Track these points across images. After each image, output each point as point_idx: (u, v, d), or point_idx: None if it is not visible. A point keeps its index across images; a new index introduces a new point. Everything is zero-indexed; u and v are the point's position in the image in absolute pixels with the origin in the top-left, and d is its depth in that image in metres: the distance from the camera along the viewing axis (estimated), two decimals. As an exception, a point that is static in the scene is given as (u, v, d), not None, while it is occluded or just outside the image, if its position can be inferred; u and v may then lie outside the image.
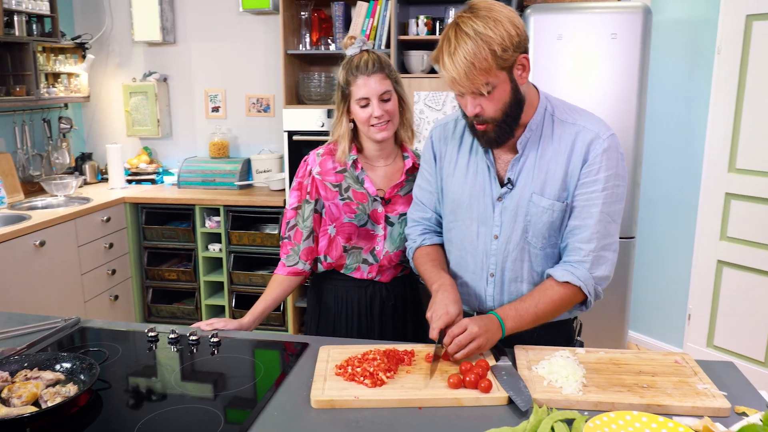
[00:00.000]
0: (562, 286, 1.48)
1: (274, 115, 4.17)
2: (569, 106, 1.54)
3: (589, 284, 1.48)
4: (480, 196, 1.55)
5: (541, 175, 1.49)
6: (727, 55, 3.26)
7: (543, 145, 1.50)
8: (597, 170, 1.46)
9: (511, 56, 1.36)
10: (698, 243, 3.51)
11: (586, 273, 1.48)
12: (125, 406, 1.33)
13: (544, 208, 1.49)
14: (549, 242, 1.53)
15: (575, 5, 3.14)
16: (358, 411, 1.26)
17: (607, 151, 1.46)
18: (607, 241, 1.48)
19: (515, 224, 1.52)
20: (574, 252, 1.50)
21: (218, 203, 3.74)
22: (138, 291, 3.97)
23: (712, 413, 1.23)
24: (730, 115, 3.27)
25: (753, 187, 3.21)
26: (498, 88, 1.38)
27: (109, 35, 4.30)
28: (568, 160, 1.48)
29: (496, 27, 1.33)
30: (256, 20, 4.08)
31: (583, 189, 1.47)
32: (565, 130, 1.49)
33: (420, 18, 3.46)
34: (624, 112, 3.09)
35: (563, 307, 1.50)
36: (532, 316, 1.47)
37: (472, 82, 1.35)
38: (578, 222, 1.49)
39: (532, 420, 1.17)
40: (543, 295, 1.48)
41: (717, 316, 3.45)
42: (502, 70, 1.37)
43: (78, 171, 4.27)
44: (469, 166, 1.58)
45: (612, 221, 1.49)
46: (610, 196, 1.47)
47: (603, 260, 1.49)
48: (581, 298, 1.51)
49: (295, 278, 1.90)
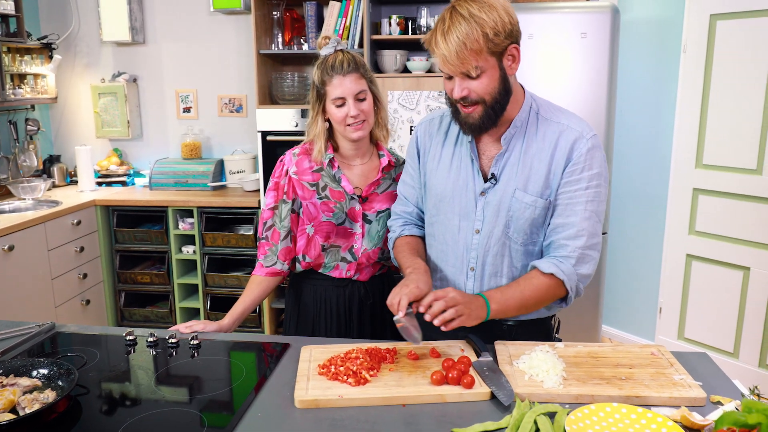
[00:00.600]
0: (547, 277, 1.49)
1: (246, 116, 4.14)
2: (553, 106, 1.57)
3: (573, 280, 1.50)
4: (463, 190, 1.57)
5: (525, 172, 1.51)
6: (693, 54, 3.33)
7: (527, 141, 1.51)
8: (581, 169, 1.48)
9: (502, 42, 1.39)
10: (668, 237, 3.59)
11: (571, 268, 1.49)
12: (105, 411, 1.31)
13: (526, 204, 1.51)
14: (530, 239, 1.55)
15: (546, 5, 3.19)
16: (342, 410, 1.26)
17: (591, 151, 1.48)
18: (594, 240, 1.51)
19: (497, 219, 1.54)
20: (560, 248, 1.51)
21: (191, 205, 3.70)
22: (110, 295, 3.91)
23: (688, 403, 1.26)
24: (696, 112, 3.35)
25: (719, 182, 3.29)
26: (487, 72, 1.41)
27: (76, 35, 4.22)
28: (552, 157, 1.50)
29: (491, 11, 1.37)
30: (228, 20, 4.04)
31: (567, 187, 1.49)
32: (549, 128, 1.51)
33: (392, 18, 3.47)
34: (594, 110, 3.14)
35: (547, 299, 1.52)
36: (518, 301, 1.48)
37: (462, 62, 1.38)
38: (563, 220, 1.51)
39: (515, 414, 1.18)
40: (528, 283, 1.50)
41: (687, 309, 3.53)
42: (492, 55, 1.40)
43: (46, 174, 4.18)
44: (453, 160, 1.60)
45: (598, 221, 1.51)
46: (595, 195, 1.49)
47: (588, 258, 1.51)
48: (563, 293, 1.52)
49: (273, 279, 1.89)
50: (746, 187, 3.17)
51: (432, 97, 3.33)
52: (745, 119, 3.13)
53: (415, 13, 3.56)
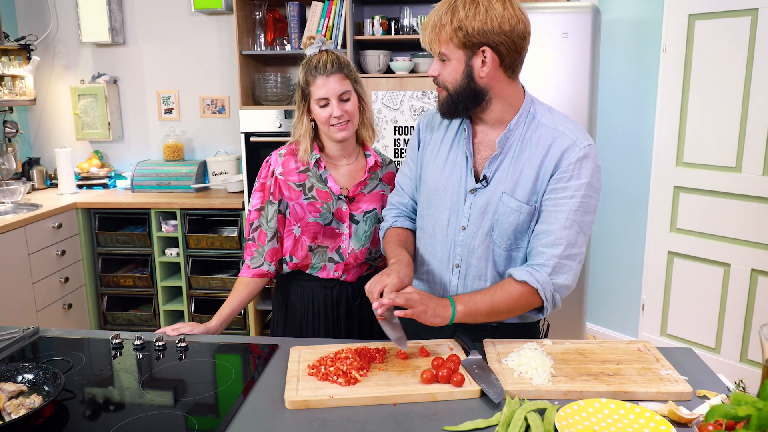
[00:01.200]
0: (520, 284, 1.47)
1: (229, 117, 4.12)
2: (555, 112, 1.54)
3: (548, 289, 1.47)
4: (455, 186, 1.57)
5: (515, 176, 1.49)
6: (672, 53, 3.38)
7: (521, 146, 1.50)
8: (569, 177, 1.45)
9: (472, 40, 1.41)
10: (650, 235, 3.63)
11: (546, 277, 1.46)
12: (92, 416, 1.29)
13: (511, 209, 1.50)
14: (514, 245, 1.54)
15: (527, 5, 3.21)
16: (333, 410, 1.26)
17: (582, 160, 1.45)
18: (573, 250, 1.47)
19: (483, 221, 1.53)
20: (538, 255, 1.49)
21: (174, 207, 3.67)
22: (92, 298, 3.86)
23: (675, 397, 1.27)
24: (676, 111, 3.40)
25: (700, 180, 3.34)
26: (451, 62, 1.45)
27: (54, 36, 4.17)
28: (541, 163, 1.48)
29: (476, 10, 1.39)
30: (209, 20, 4.02)
31: (553, 195, 1.47)
32: (543, 134, 1.49)
33: (375, 18, 3.47)
34: (576, 109, 3.17)
35: (519, 307, 1.49)
36: (487, 305, 1.46)
37: (430, 40, 1.46)
38: (544, 227, 1.48)
39: (506, 411, 1.19)
40: (500, 289, 1.48)
41: (669, 306, 3.58)
42: (461, 48, 1.43)
43: (25, 176, 4.12)
44: (449, 155, 1.60)
45: (581, 232, 1.47)
46: (581, 205, 1.46)
47: (566, 269, 1.47)
48: (538, 302, 1.49)
49: (260, 280, 1.89)
50: (726, 185, 3.22)
51: (416, 98, 3.34)
52: (724, 118, 3.18)
53: (397, 14, 3.57)
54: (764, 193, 3.07)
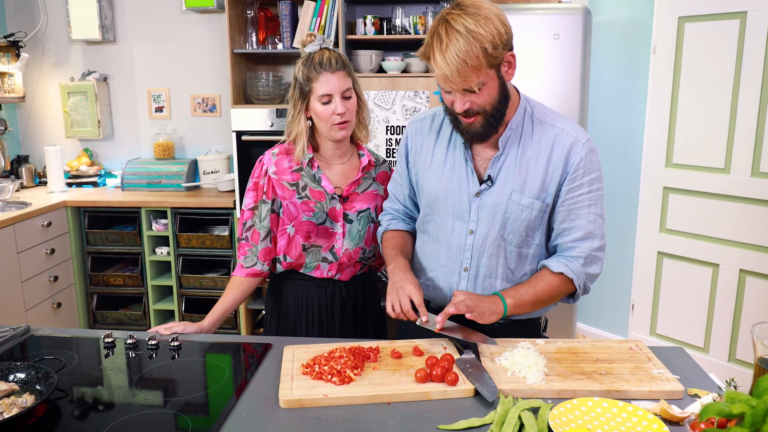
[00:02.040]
0: (556, 276, 1.54)
1: (220, 115, 4.11)
2: (546, 109, 1.59)
3: (581, 279, 1.55)
4: (456, 192, 1.57)
5: (522, 174, 1.52)
6: (662, 55, 3.40)
7: (523, 144, 1.53)
8: (582, 174, 1.51)
9: (500, 54, 1.38)
10: (639, 235, 3.66)
11: (580, 268, 1.54)
12: (85, 415, 1.29)
13: (523, 206, 1.52)
14: (525, 241, 1.57)
15: (519, 6, 3.22)
16: (327, 409, 1.26)
17: (588, 155, 1.51)
18: (603, 242, 1.57)
19: (493, 221, 1.55)
20: (569, 250, 1.56)
21: (165, 205, 3.65)
22: (82, 297, 3.84)
23: (667, 396, 1.29)
24: (665, 112, 3.42)
25: (689, 181, 3.36)
26: (487, 85, 1.40)
27: (44, 33, 4.14)
28: (548, 160, 1.51)
29: (487, 25, 1.34)
30: (200, 19, 4.00)
31: (570, 193, 1.52)
32: (544, 132, 1.53)
33: (367, 17, 3.47)
34: (567, 109, 3.18)
35: (558, 295, 1.57)
36: (531, 296, 1.52)
37: (464, 79, 1.36)
38: (569, 224, 1.54)
39: (500, 410, 1.20)
40: (540, 280, 1.54)
41: (659, 305, 3.60)
42: (491, 67, 1.38)
43: (14, 174, 4.09)
44: (447, 161, 1.60)
45: (603, 223, 1.56)
46: (597, 198, 1.53)
47: (596, 260, 1.56)
48: (571, 290, 1.57)
49: (253, 279, 1.88)
50: (715, 186, 3.24)
51: (407, 97, 3.35)
52: (713, 119, 3.21)
53: (390, 13, 3.57)
54: (752, 194, 3.10)
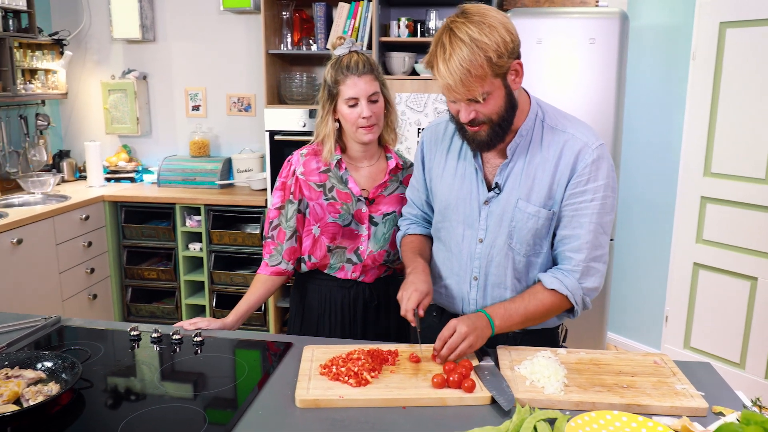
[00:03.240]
0: (550, 292, 1.49)
1: (255, 115, 4.16)
2: (560, 113, 1.54)
3: (577, 294, 1.49)
4: (467, 199, 1.56)
5: (528, 182, 1.49)
6: (702, 62, 3.32)
7: (532, 151, 1.49)
8: (586, 180, 1.46)
9: (506, 62, 1.35)
10: (675, 246, 3.57)
11: (575, 283, 1.48)
12: (108, 405, 1.32)
13: (529, 215, 1.49)
14: (533, 250, 1.53)
15: (554, 10, 3.18)
16: (342, 410, 1.27)
17: (597, 162, 1.45)
18: (598, 252, 1.49)
19: (500, 229, 1.52)
20: (565, 261, 1.51)
21: (199, 202, 3.72)
22: (117, 290, 3.93)
23: (690, 413, 1.25)
24: (705, 120, 3.34)
25: (728, 191, 3.27)
26: (493, 94, 1.37)
27: (87, 32, 4.25)
28: (555, 168, 1.47)
29: (491, 33, 1.31)
30: (237, 19, 4.06)
31: (573, 199, 1.47)
32: (554, 138, 1.48)
33: (401, 20, 3.47)
34: (602, 116, 3.13)
35: (552, 312, 1.52)
36: (521, 316, 1.48)
37: (468, 89, 1.33)
38: (569, 231, 1.49)
39: (515, 419, 1.18)
40: (533, 298, 1.49)
41: (693, 318, 3.52)
42: (497, 77, 1.35)
43: (55, 168, 4.21)
44: (458, 169, 1.58)
45: (603, 232, 1.49)
46: (601, 207, 1.47)
47: (593, 271, 1.50)
48: (568, 306, 1.52)
49: (278, 278, 1.90)
50: (754, 197, 3.15)
51: (440, 100, 3.34)
52: (754, 128, 3.12)
53: (423, 16, 3.57)
54: (794, 206, 3.00)
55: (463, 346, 1.40)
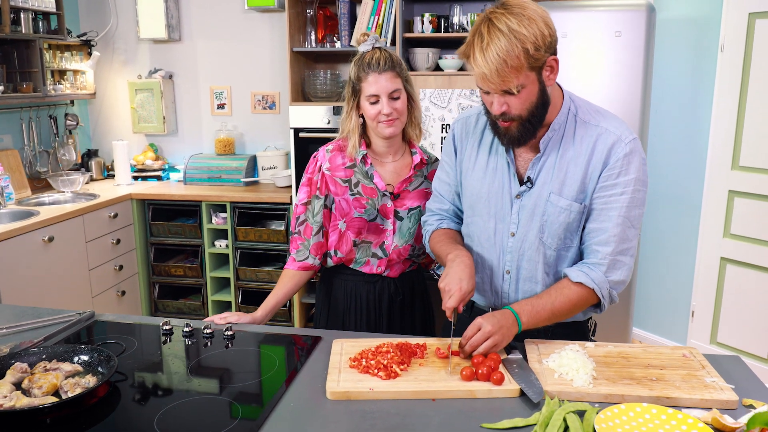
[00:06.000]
0: (577, 286, 1.49)
1: (279, 112, 4.20)
2: (593, 107, 1.53)
3: (604, 288, 1.48)
4: (498, 193, 1.56)
5: (560, 176, 1.49)
6: (730, 53, 3.28)
7: (564, 145, 1.49)
8: (617, 174, 1.45)
9: (542, 56, 1.34)
10: (702, 240, 3.54)
11: (602, 276, 1.48)
12: (143, 397, 1.35)
13: (561, 209, 1.49)
14: (564, 244, 1.53)
15: (580, 3, 3.16)
16: (373, 402, 1.28)
17: (629, 156, 1.45)
18: (625, 245, 1.48)
19: (532, 223, 1.53)
20: (592, 254, 1.50)
21: (225, 200, 3.77)
22: (144, 286, 4.00)
23: (720, 405, 1.25)
24: (733, 112, 3.29)
25: (756, 184, 3.23)
26: (527, 88, 1.36)
27: (114, 33, 4.32)
28: (588, 161, 1.47)
29: (530, 25, 1.31)
30: (261, 18, 4.10)
31: (603, 192, 1.47)
32: (587, 132, 1.48)
33: (425, 16, 3.48)
34: (628, 109, 3.10)
35: (579, 307, 1.51)
36: (548, 312, 1.48)
37: (503, 79, 1.33)
38: (597, 225, 1.49)
39: (545, 411, 1.19)
40: (559, 294, 1.49)
41: (720, 313, 3.48)
42: (532, 70, 1.35)
43: (84, 167, 4.29)
44: (489, 162, 1.58)
45: (631, 226, 1.48)
46: (631, 200, 1.46)
47: (620, 264, 1.49)
48: (595, 300, 1.51)
49: (305, 273, 1.92)
50: (784, 190, 3.11)
51: (464, 95, 3.34)
52: (784, 120, 3.07)
53: (447, 11, 3.57)
54: (825, 199, 2.95)
55: (488, 344, 1.39)
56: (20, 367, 1.37)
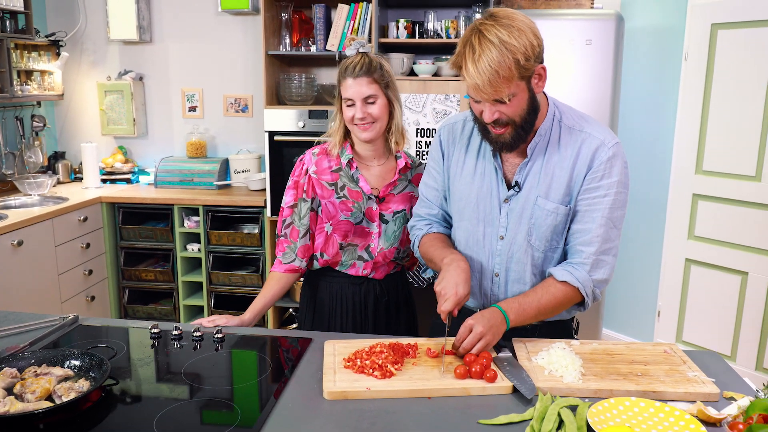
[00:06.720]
0: (562, 284, 1.54)
1: (252, 116, 4.18)
2: (576, 113, 1.59)
3: (588, 286, 1.54)
4: (487, 198, 1.60)
5: (547, 180, 1.54)
6: (694, 62, 3.40)
7: (550, 150, 1.54)
8: (600, 177, 1.51)
9: (532, 66, 1.39)
10: (667, 242, 3.65)
11: (586, 275, 1.53)
12: (135, 401, 1.34)
13: (548, 212, 1.54)
14: (551, 245, 1.58)
15: (552, 12, 3.25)
16: (370, 401, 1.30)
17: (612, 159, 1.50)
18: (607, 245, 1.54)
19: (520, 226, 1.57)
20: (576, 254, 1.55)
21: (197, 203, 3.73)
22: (114, 291, 3.93)
23: (703, 398, 1.31)
24: (696, 119, 3.42)
25: (719, 188, 3.36)
26: (517, 96, 1.40)
27: (83, 33, 4.25)
28: (573, 165, 1.52)
29: (520, 36, 1.35)
30: (234, 20, 4.08)
31: (587, 194, 1.52)
32: (571, 137, 1.54)
33: (400, 21, 3.51)
34: (598, 115, 3.19)
35: (563, 305, 1.56)
36: (535, 310, 1.52)
37: (495, 89, 1.37)
38: (581, 226, 1.54)
39: (539, 407, 1.23)
40: (545, 292, 1.54)
41: (686, 313, 3.60)
42: (522, 79, 1.39)
43: (51, 170, 4.20)
44: (477, 167, 1.62)
45: (614, 227, 1.54)
46: (613, 202, 1.51)
47: (603, 264, 1.55)
48: (579, 298, 1.56)
49: (291, 275, 1.93)
50: (745, 194, 3.24)
51: (438, 100, 3.38)
52: (745, 127, 3.20)
53: (422, 17, 3.61)
54: (784, 202, 3.09)
55: (480, 345, 1.43)
56: (10, 372, 1.34)
